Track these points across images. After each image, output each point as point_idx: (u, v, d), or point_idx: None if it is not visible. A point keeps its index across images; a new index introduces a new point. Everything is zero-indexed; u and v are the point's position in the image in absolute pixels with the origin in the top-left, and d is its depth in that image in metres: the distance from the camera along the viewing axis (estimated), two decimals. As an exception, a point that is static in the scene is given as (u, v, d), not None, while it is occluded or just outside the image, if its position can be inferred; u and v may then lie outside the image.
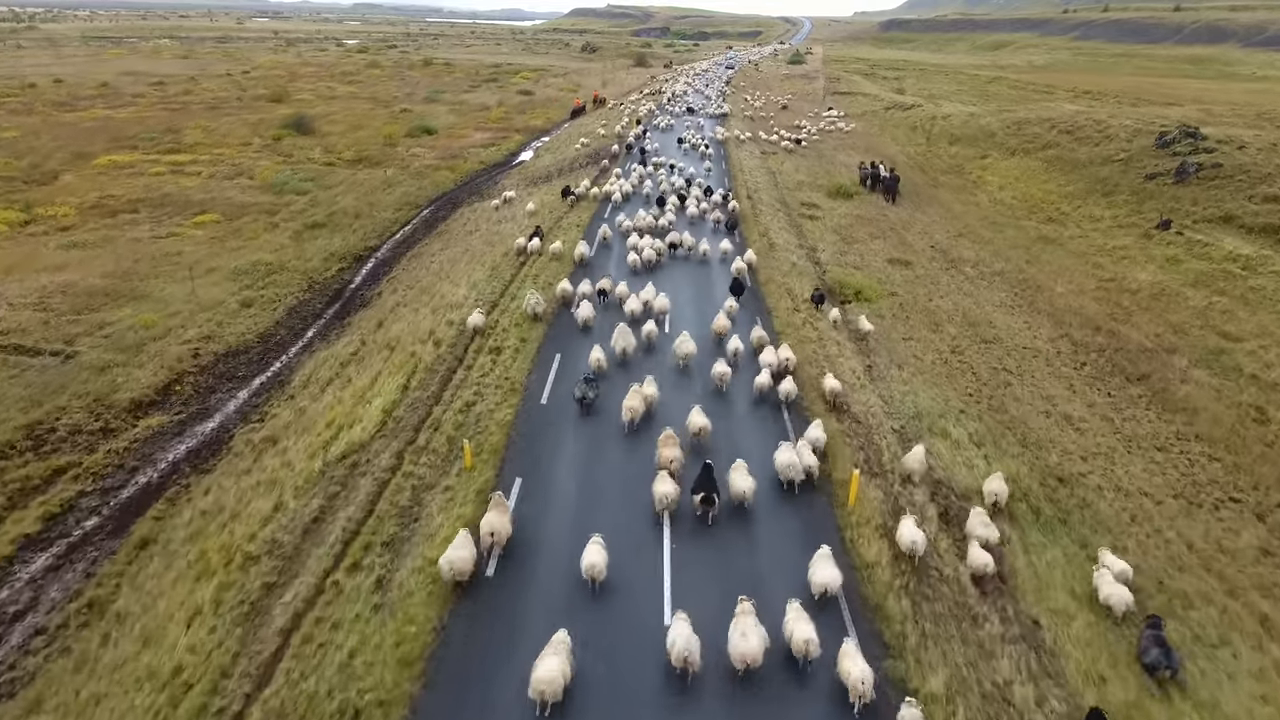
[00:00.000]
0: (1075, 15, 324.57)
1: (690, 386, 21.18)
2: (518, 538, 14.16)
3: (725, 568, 14.13)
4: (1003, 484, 17.06)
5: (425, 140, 71.10)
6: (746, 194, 44.82)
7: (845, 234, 40.50)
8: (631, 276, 29.70)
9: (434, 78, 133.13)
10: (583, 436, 18.02)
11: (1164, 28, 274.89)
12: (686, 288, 29.69)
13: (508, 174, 56.76)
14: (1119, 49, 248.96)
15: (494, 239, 35.53)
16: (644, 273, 30.47)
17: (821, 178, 54.53)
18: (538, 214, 39.40)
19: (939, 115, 74.28)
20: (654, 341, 23.48)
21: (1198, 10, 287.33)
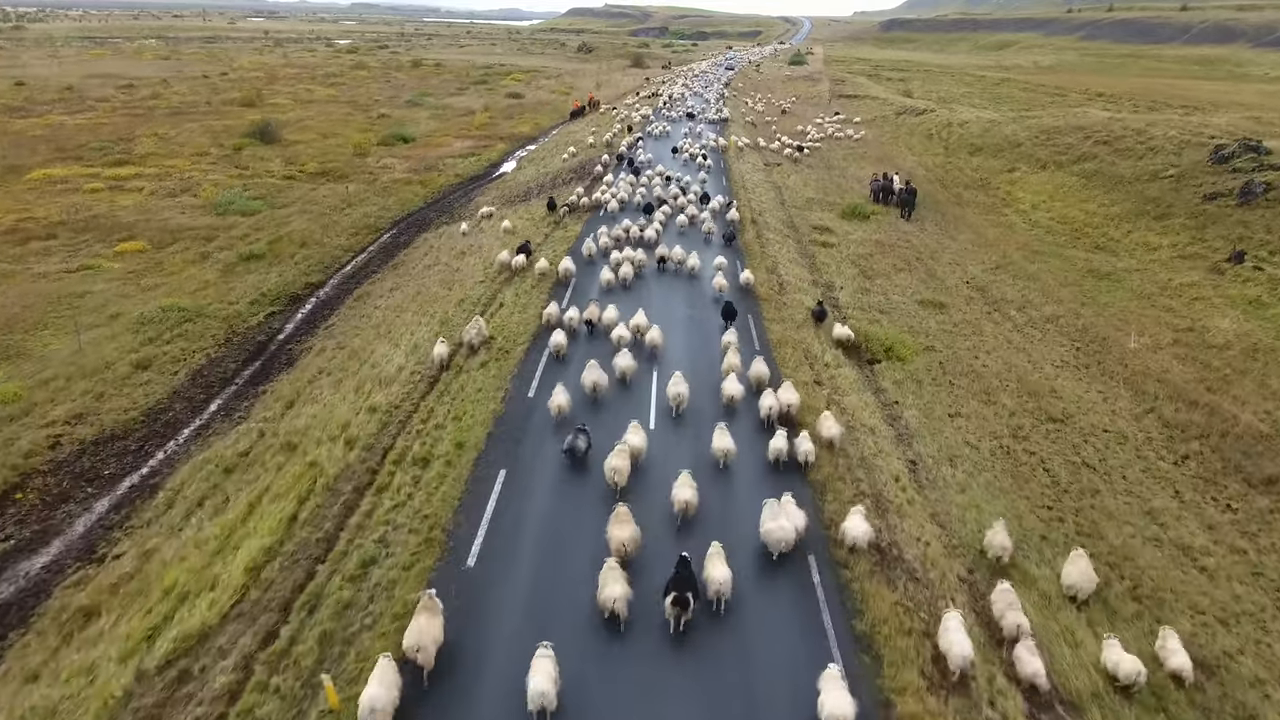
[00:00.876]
0: (1080, 15, 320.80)
1: (681, 436, 18.34)
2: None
3: (705, 695, 11.17)
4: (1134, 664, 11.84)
5: (400, 150, 65.52)
6: (751, 217, 39.29)
7: (865, 266, 35.00)
8: (605, 295, 26.97)
9: (421, 80, 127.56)
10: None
11: (1171, 27, 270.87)
12: (675, 309, 26.81)
13: (484, 189, 51.20)
14: (1125, 49, 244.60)
15: (453, 278, 29.98)
16: (621, 290, 28.18)
17: (833, 194, 49.04)
18: (512, 237, 33.98)
19: (955, 122, 68.76)
20: (629, 378, 20.68)
21: (1204, 10, 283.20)
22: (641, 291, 28.31)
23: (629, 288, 28.57)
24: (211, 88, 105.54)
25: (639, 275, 29.73)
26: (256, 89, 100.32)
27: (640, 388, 20.61)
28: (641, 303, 25.88)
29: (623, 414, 18.44)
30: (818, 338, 25.60)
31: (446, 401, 18.88)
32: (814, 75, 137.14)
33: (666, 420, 19.11)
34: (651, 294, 28.07)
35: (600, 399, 19.59)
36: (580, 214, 39.76)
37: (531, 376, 20.52)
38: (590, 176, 46.78)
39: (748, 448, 17.64)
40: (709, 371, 21.54)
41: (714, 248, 34.14)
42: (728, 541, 13.67)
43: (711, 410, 19.54)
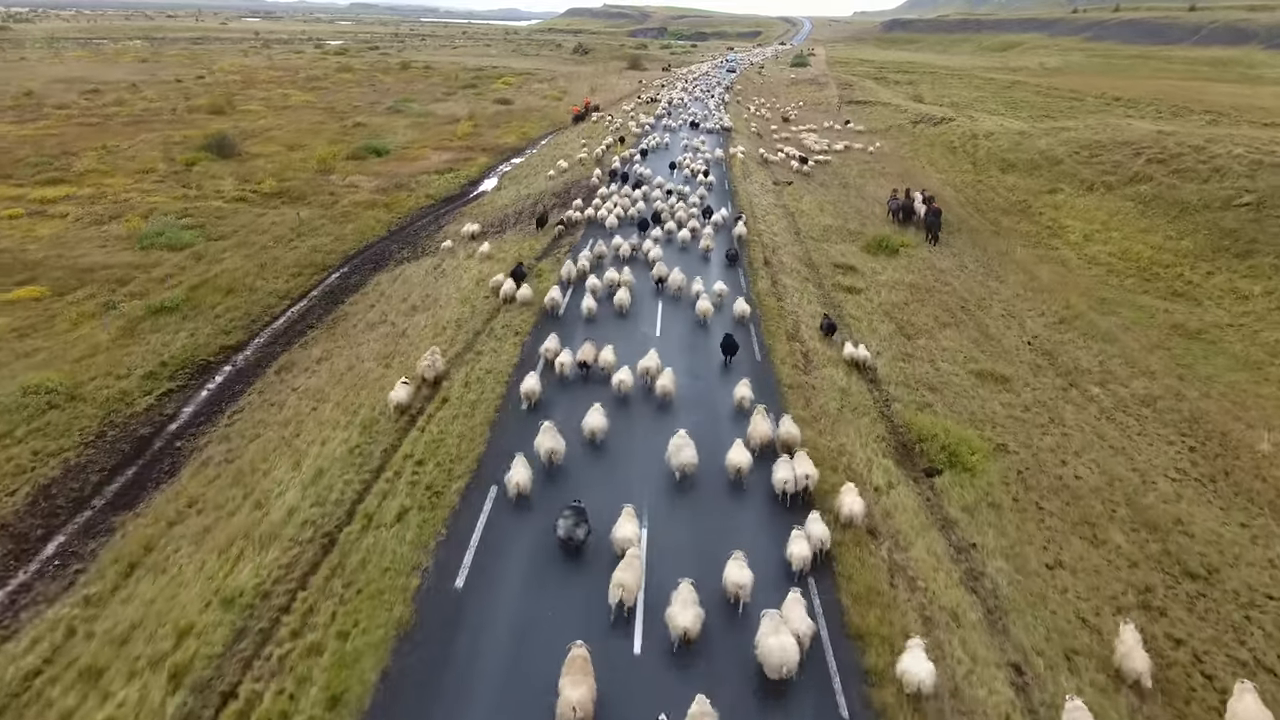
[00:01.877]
0: (1085, 15, 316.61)
1: (685, 526, 15.33)
2: None
3: None
4: None
5: (370, 165, 59.49)
6: (764, 255, 33.29)
7: (902, 319, 29.03)
8: (590, 327, 24.68)
9: (406, 84, 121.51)
10: None
11: (1180, 28, 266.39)
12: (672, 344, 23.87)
13: (457, 214, 45.13)
14: (1134, 50, 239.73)
15: (395, 348, 23.96)
16: (616, 319, 25.70)
17: (852, 220, 43.07)
18: (477, 287, 28.02)
19: (980, 133, 62.81)
20: (598, 439, 17.88)
21: (1214, 10, 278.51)
22: (634, 321, 25.61)
23: (625, 315, 26.04)
24: (183, 93, 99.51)
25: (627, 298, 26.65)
26: (228, 95, 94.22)
27: (628, 452, 17.21)
28: (631, 335, 24.07)
29: (603, 492, 15.26)
30: (860, 438, 19.60)
31: (337, 589, 12.83)
32: (819, 79, 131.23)
33: (667, 498, 16.13)
34: (643, 323, 25.30)
35: (560, 469, 16.74)
36: (574, 232, 36.59)
37: (466, 542, 14.42)
38: (575, 202, 40.78)
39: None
40: (710, 426, 18.75)
41: (713, 268, 31.73)
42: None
43: (716, 482, 16.71)
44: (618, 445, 17.95)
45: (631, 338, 23.97)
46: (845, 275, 33.44)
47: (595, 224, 37.33)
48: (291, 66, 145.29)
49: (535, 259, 32.12)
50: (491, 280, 27.94)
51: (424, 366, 20.56)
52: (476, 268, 30.96)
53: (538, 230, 37.03)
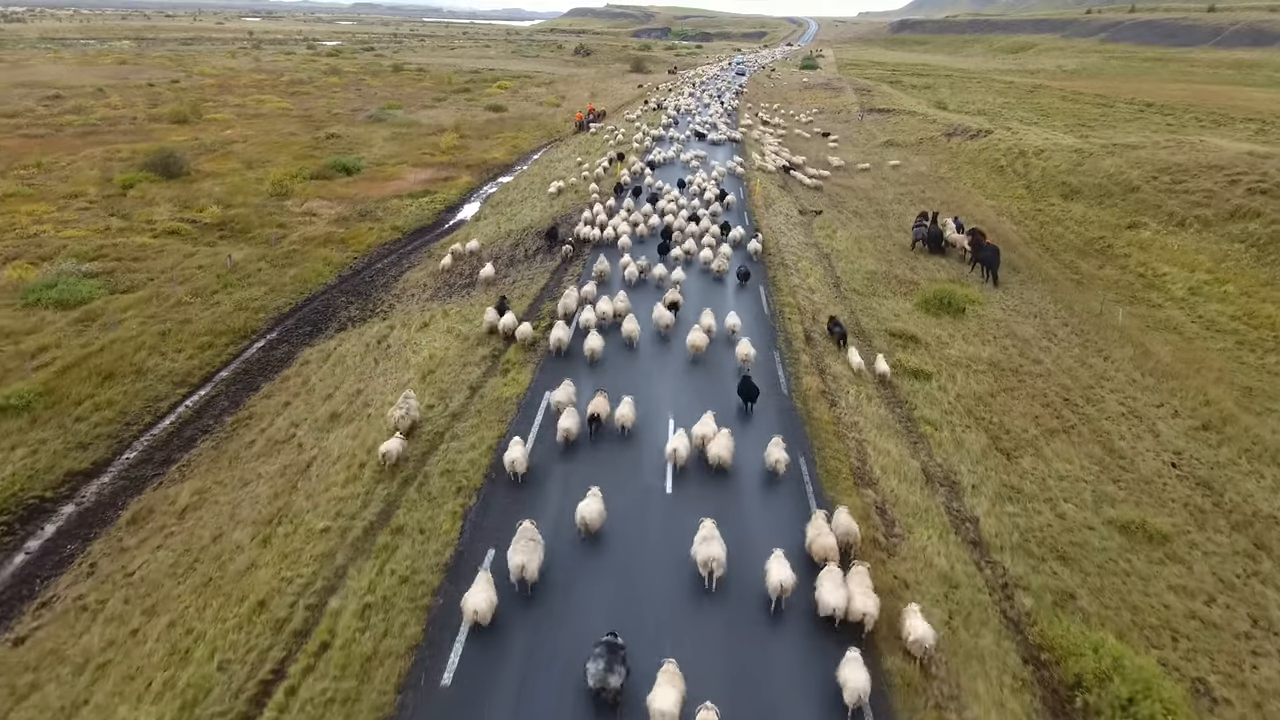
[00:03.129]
0: (1100, 16, 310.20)
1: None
2: None
3: None
4: None
5: (336, 185, 52.23)
6: (803, 326, 25.86)
7: (992, 421, 21.64)
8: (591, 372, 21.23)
9: (394, 89, 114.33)
10: None
11: (1200, 30, 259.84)
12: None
13: (425, 255, 37.74)
14: (1152, 52, 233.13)
15: (294, 491, 16.60)
16: (626, 352, 23.01)
17: (898, 262, 35.70)
18: (426, 382, 20.70)
19: (1028, 149, 55.34)
20: (592, 529, 14.23)
21: (1234, 11, 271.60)
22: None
23: (634, 347, 23.31)
24: (153, 98, 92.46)
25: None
26: (197, 102, 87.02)
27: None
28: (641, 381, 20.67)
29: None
30: (985, 677, 12.26)
31: None
32: (834, 83, 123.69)
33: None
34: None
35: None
36: (581, 255, 32.94)
37: None
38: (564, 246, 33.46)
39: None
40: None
41: (728, 294, 28.73)
42: None
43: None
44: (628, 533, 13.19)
45: (644, 385, 20.51)
46: (906, 349, 26.04)
47: (604, 245, 33.70)
48: (277, 69, 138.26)
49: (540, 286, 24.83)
50: (485, 318, 24.44)
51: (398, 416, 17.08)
52: (429, 345, 23.62)
53: (549, 246, 33.62)
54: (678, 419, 18.37)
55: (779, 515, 15.81)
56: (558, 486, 15.94)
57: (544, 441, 17.66)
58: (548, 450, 17.31)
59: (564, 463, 16.84)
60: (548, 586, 13.10)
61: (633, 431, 18.06)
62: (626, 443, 17.81)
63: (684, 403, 19.72)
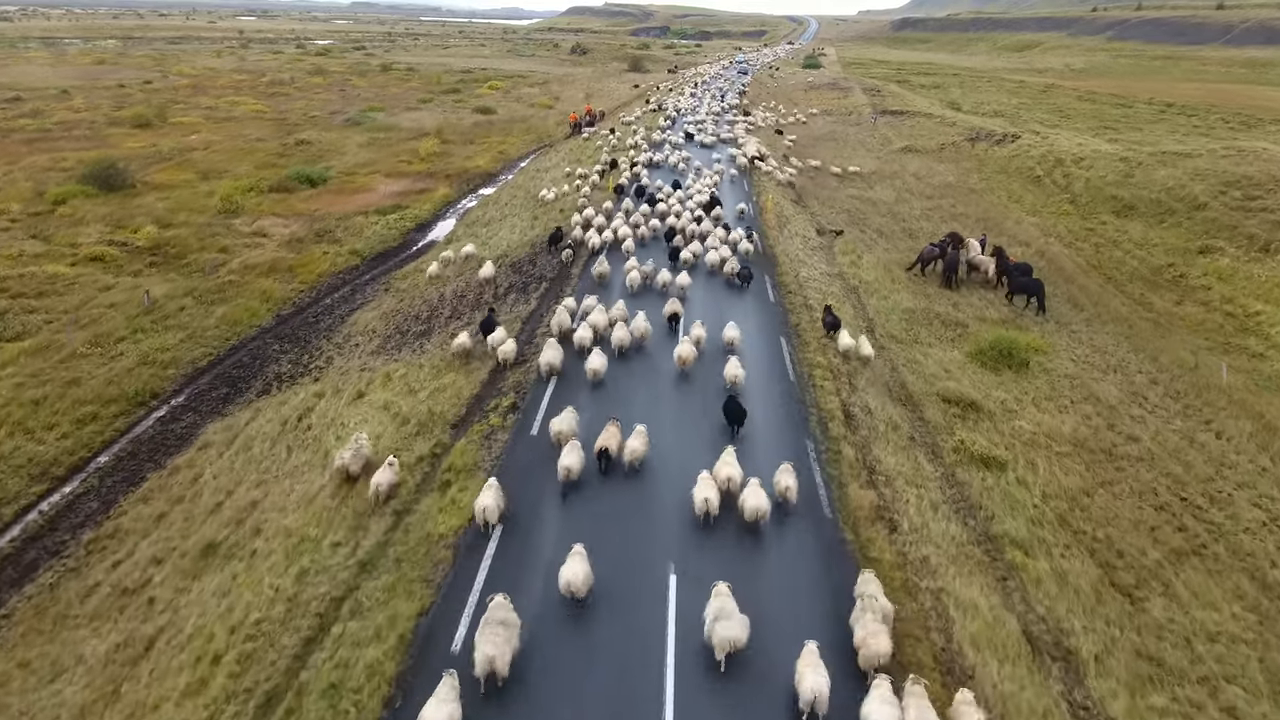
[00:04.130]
0: (1106, 14, 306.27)
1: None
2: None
3: None
4: None
5: (297, 199, 46.71)
6: (839, 397, 20.37)
7: (1094, 536, 16.25)
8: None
9: (380, 90, 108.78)
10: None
11: (1210, 28, 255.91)
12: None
13: (382, 289, 32.19)
14: (1162, 50, 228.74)
15: (136, 681, 11.24)
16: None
17: (937, 296, 30.27)
18: (339, 505, 15.37)
19: (1065, 157, 49.91)
20: (578, 595, 12.26)
21: (1244, 9, 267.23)
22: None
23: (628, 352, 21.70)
24: (120, 100, 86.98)
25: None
26: (164, 105, 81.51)
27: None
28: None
29: None
30: None
31: None
32: (840, 83, 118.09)
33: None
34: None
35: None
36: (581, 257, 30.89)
37: None
38: (542, 283, 27.99)
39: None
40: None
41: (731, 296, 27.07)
42: None
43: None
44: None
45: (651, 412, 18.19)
46: (965, 421, 20.57)
47: (605, 249, 31.35)
48: (260, 69, 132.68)
49: (442, 397, 19.37)
50: (454, 342, 21.87)
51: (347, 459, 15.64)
52: (357, 430, 18.14)
53: (550, 251, 31.29)
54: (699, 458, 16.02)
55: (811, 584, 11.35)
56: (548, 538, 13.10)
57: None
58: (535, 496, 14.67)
59: (559, 508, 14.32)
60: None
61: (641, 468, 15.95)
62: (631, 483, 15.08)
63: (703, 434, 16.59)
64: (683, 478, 15.49)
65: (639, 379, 20.52)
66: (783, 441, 17.49)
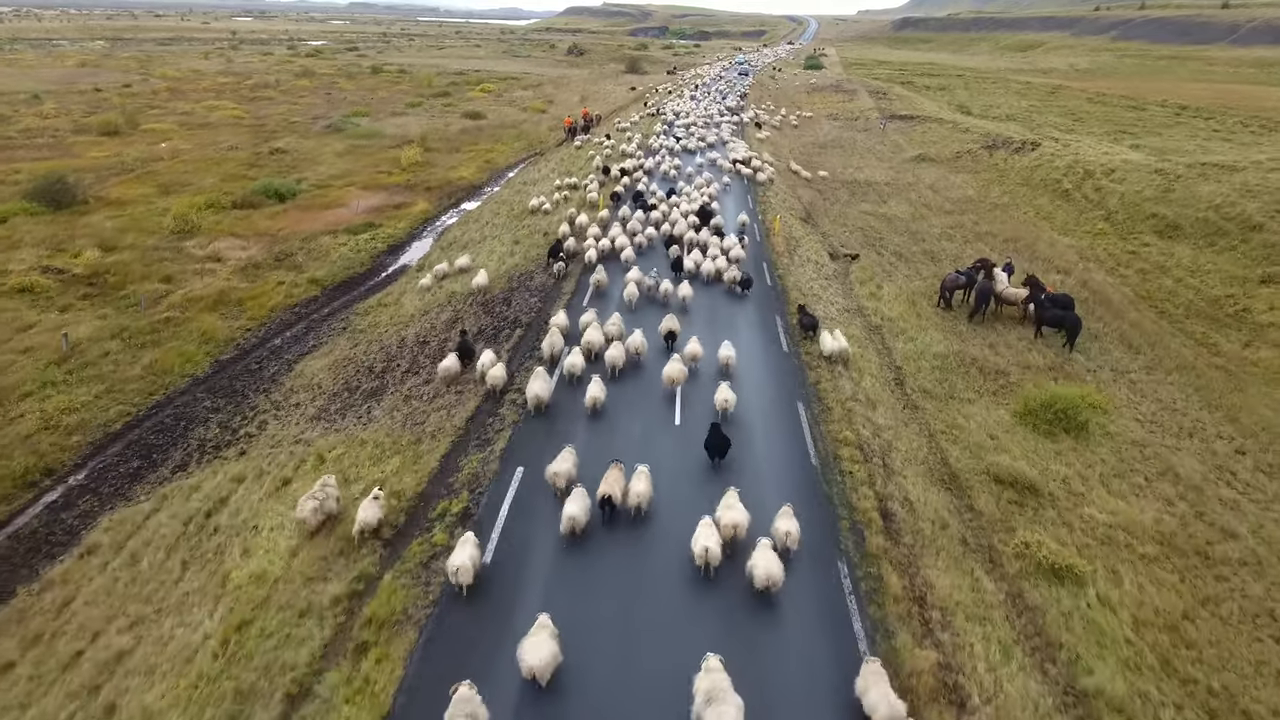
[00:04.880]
0: (1109, 13, 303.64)
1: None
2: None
3: None
4: None
5: (261, 216, 42.90)
6: (872, 485, 16.57)
7: (1214, 695, 12.50)
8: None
9: (368, 93, 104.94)
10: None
11: (1215, 27, 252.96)
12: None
13: (340, 329, 28.31)
14: (1167, 50, 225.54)
15: None
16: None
17: (970, 336, 26.53)
18: (244, 648, 11.68)
19: (1093, 167, 46.15)
20: (542, 682, 10.56)
21: (1250, 8, 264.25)
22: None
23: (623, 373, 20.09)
24: (94, 105, 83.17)
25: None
26: (136, 110, 77.67)
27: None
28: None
29: None
30: None
31: None
32: (844, 85, 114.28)
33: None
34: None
35: None
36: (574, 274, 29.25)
37: None
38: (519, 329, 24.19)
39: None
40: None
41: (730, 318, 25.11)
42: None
43: None
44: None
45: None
46: (1024, 511, 16.80)
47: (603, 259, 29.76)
48: (246, 71, 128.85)
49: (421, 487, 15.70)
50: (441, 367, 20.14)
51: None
52: (269, 541, 14.35)
53: (549, 264, 29.47)
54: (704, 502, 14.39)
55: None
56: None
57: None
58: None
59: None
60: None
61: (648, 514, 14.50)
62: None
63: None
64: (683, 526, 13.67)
65: (635, 409, 18.75)
66: (813, 565, 13.66)
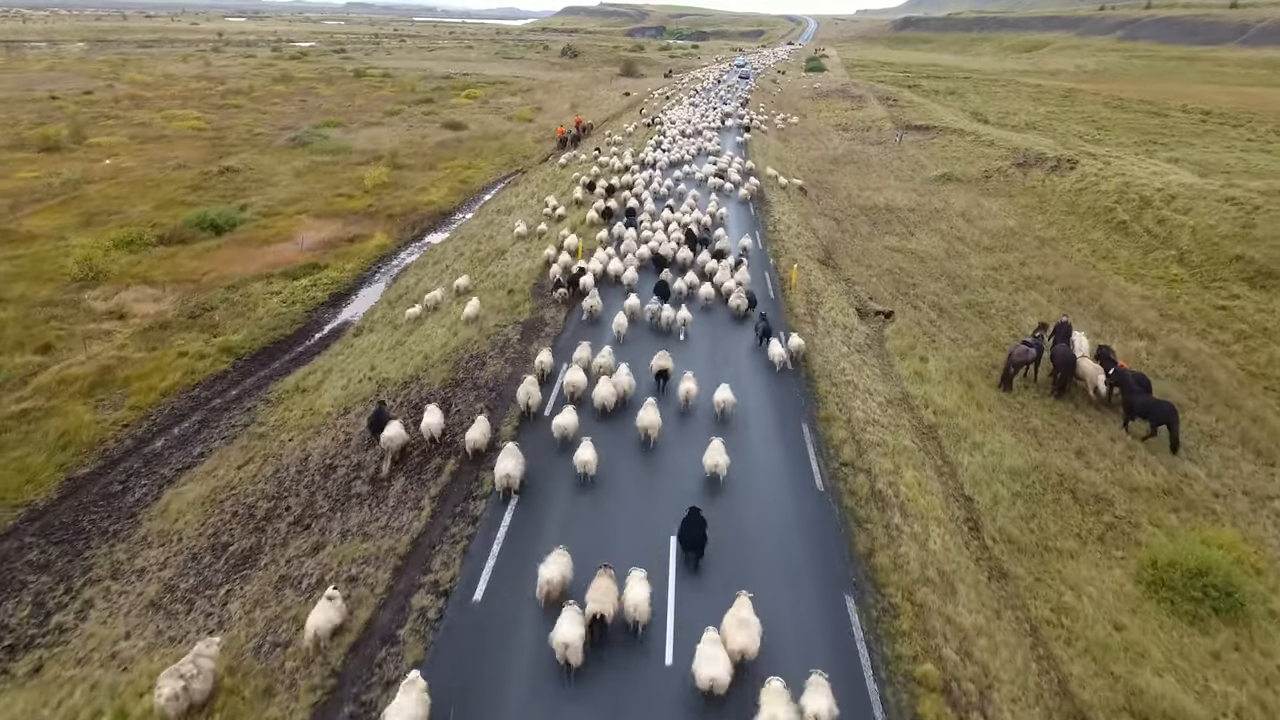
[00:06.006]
0: (1114, 13, 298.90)
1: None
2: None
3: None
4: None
5: (187, 254, 36.75)
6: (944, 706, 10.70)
7: None
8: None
9: (346, 99, 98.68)
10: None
11: (1224, 27, 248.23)
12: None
13: (241, 426, 22.19)
14: (1176, 51, 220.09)
15: None
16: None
17: (1048, 433, 20.48)
18: None
19: (1151, 193, 40.09)
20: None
21: (1259, 7, 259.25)
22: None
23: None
24: (45, 114, 76.84)
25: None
26: (85, 122, 71.37)
27: None
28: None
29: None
30: None
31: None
32: (850, 89, 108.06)
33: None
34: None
35: None
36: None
37: None
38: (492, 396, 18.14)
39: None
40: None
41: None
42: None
43: None
44: None
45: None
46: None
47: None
48: (222, 75, 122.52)
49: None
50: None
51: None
52: None
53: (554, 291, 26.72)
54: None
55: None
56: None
57: None
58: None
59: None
60: None
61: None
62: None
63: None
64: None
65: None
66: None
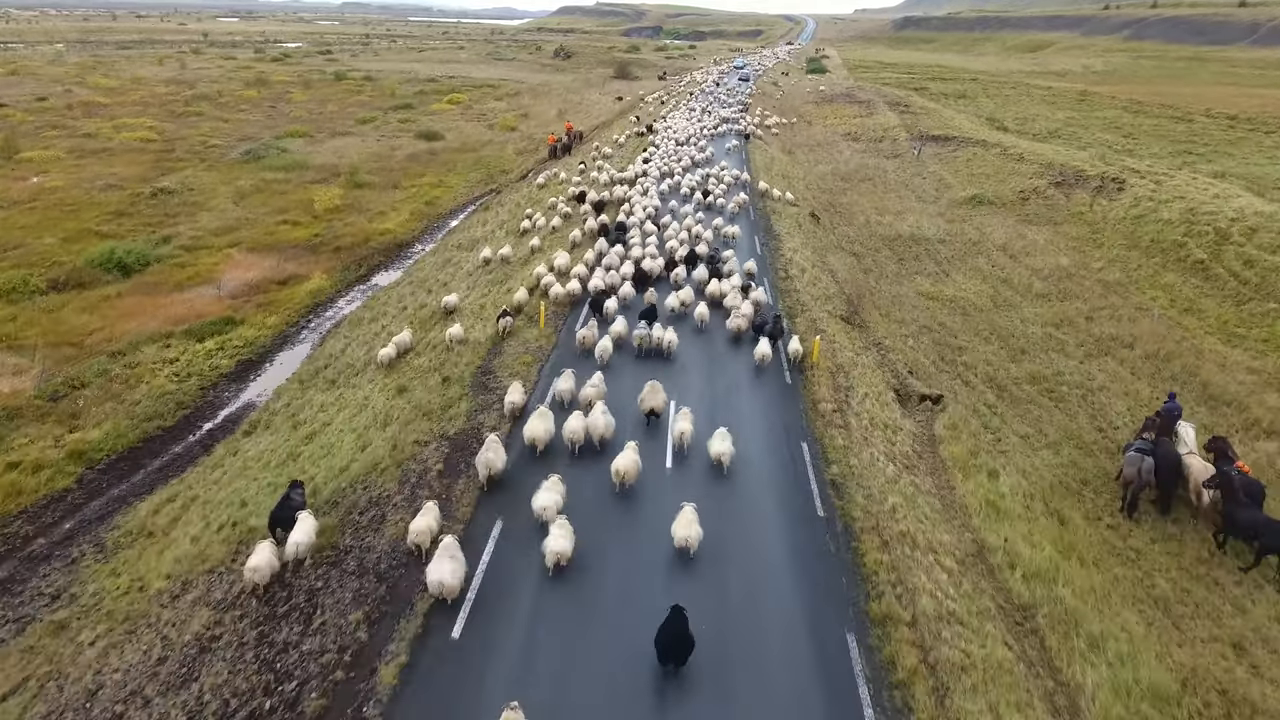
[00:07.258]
0: (1120, 12, 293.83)
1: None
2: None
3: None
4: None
5: (81, 303, 30.40)
6: None
7: None
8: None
9: (318, 106, 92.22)
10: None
11: (1233, 26, 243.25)
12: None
13: (48, 597, 15.95)
14: (1185, 51, 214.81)
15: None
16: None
17: (1185, 607, 14.28)
18: None
19: (1226, 224, 33.94)
20: None
21: (1270, 6, 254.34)
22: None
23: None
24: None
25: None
26: (21, 134, 64.89)
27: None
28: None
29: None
30: None
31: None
32: (856, 93, 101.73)
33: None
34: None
35: None
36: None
37: None
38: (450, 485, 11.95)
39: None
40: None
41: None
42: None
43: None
44: None
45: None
46: None
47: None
48: (193, 79, 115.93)
49: None
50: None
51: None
52: None
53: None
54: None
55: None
56: None
57: None
58: None
59: None
60: None
61: None
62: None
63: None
64: None
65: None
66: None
